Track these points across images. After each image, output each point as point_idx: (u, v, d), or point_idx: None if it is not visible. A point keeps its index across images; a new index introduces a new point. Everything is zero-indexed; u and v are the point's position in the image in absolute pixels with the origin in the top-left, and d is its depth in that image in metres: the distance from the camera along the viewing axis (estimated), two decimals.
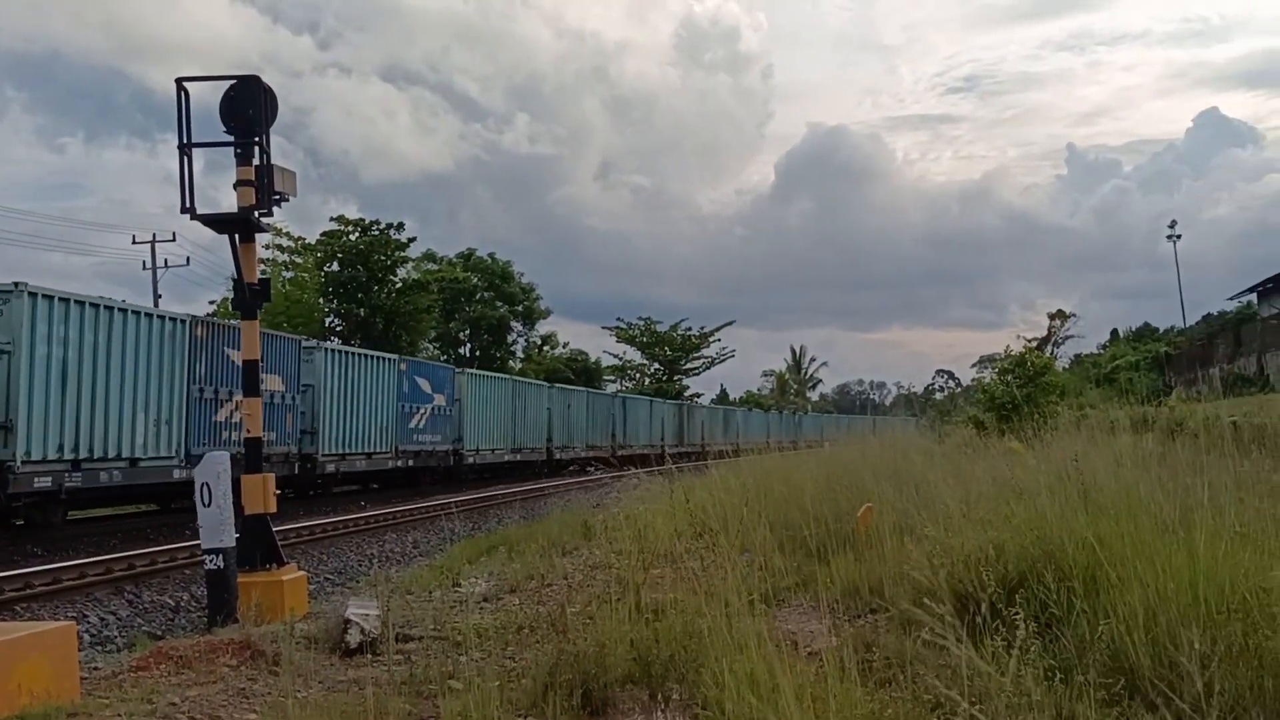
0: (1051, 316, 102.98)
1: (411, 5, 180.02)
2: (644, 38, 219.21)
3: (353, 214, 62.76)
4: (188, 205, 12.50)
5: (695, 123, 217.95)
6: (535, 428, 50.89)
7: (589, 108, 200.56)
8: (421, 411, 39.06)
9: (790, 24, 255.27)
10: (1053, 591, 6.24)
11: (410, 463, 38.12)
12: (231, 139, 12.61)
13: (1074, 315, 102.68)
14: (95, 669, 9.44)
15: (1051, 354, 65.41)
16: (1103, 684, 4.89)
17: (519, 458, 48.48)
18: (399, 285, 60.57)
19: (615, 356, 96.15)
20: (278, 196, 12.71)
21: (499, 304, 76.71)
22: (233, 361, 26.00)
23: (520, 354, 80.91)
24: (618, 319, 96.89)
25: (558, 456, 53.82)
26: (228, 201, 12.90)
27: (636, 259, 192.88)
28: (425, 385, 39.60)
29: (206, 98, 13.12)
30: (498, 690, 6.28)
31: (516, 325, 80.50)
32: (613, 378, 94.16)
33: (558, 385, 56.93)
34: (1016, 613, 5.21)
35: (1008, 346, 31.43)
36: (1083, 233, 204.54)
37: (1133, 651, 5.37)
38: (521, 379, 53.62)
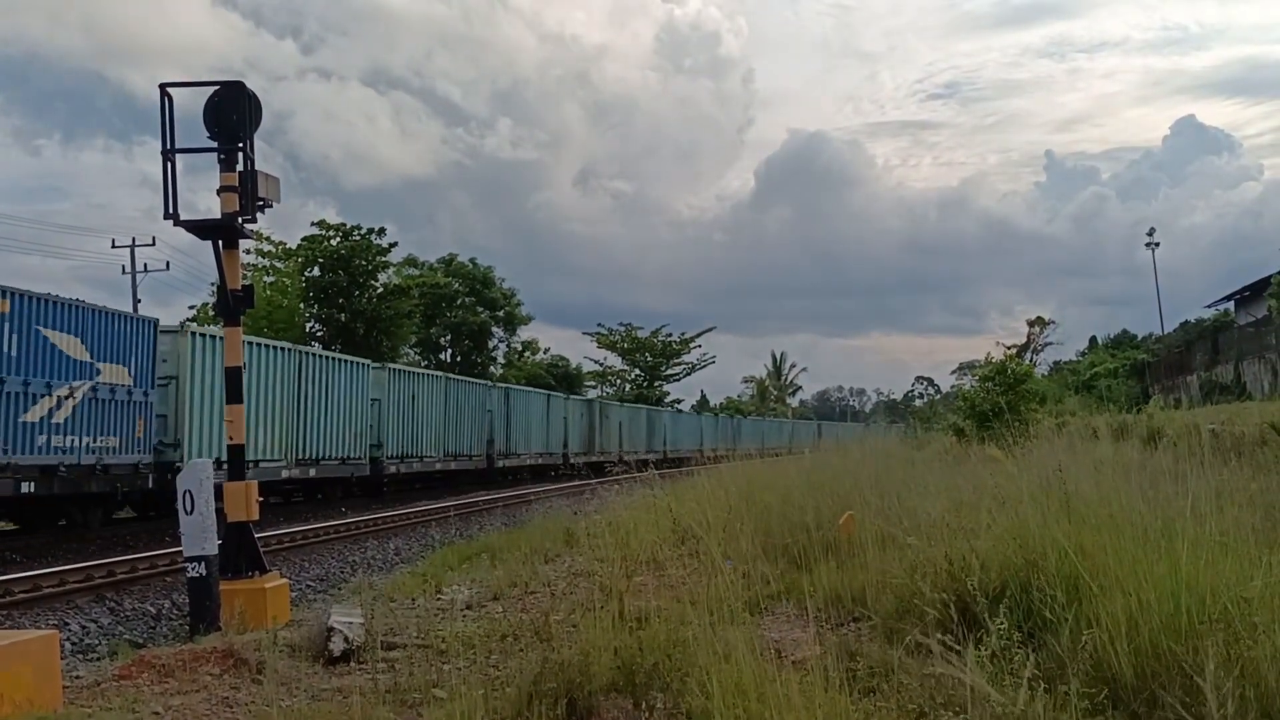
0: (1031, 323, 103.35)
1: (394, 10, 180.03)
2: (624, 42, 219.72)
3: (332, 218, 62.61)
4: (171, 211, 12.46)
5: (675, 128, 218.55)
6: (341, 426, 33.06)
7: (569, 112, 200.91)
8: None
9: (771, 29, 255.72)
10: (1035, 601, 6.28)
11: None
12: (215, 145, 12.56)
13: (1053, 322, 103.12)
14: (77, 677, 9.41)
15: (1031, 361, 65.53)
16: (1086, 693, 4.92)
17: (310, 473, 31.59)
18: (380, 290, 60.40)
19: (596, 362, 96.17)
20: (261, 202, 12.67)
21: (480, 309, 76.45)
22: (55, 346, 21.15)
23: (502, 360, 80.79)
24: (598, 324, 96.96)
25: (392, 470, 37.21)
26: (206, 205, 12.88)
27: (617, 264, 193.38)
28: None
29: (188, 103, 13.10)
30: (482, 699, 6.29)
31: (498, 331, 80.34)
32: (594, 383, 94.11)
33: (389, 366, 39.19)
34: (1001, 622, 5.24)
35: (988, 353, 31.44)
36: (1061, 240, 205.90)
37: (1115, 661, 5.41)
38: (327, 354, 36.00)
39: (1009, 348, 50.28)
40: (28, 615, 13.89)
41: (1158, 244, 72.03)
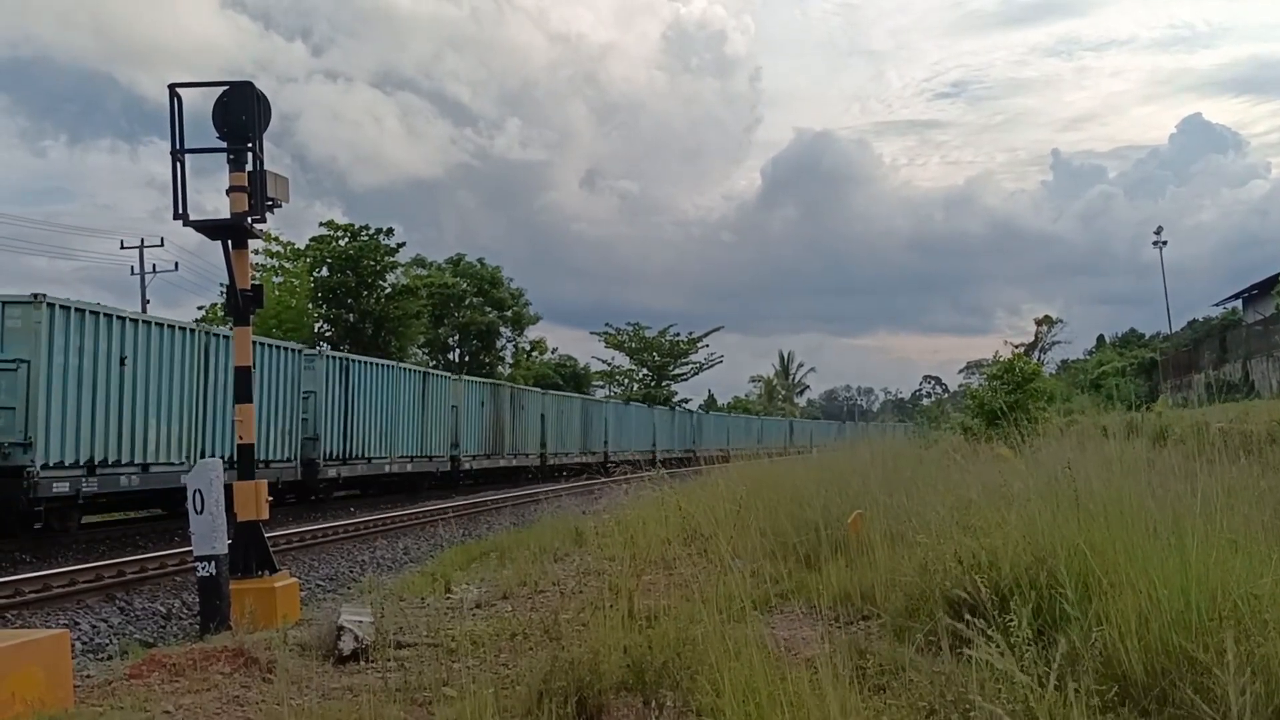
0: (1038, 322, 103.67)
1: (403, 11, 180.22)
2: (631, 41, 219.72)
3: (339, 219, 62.75)
4: (180, 211, 12.49)
5: (682, 127, 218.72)
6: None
7: (576, 112, 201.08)
8: None
9: (778, 29, 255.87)
10: (1045, 598, 6.28)
11: None
12: (224, 145, 12.59)
13: (1060, 321, 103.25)
14: (88, 677, 9.45)
15: (1039, 360, 65.51)
16: (1096, 690, 4.92)
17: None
18: (388, 291, 60.51)
19: (604, 362, 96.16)
20: (271, 202, 12.70)
21: (488, 309, 76.55)
22: None
23: (509, 359, 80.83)
24: (606, 324, 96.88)
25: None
26: (213, 206, 12.91)
27: (624, 264, 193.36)
28: None
29: (197, 104, 13.12)
30: (493, 697, 6.30)
31: (505, 331, 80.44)
32: (601, 383, 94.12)
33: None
34: (1010, 619, 5.24)
35: (996, 352, 31.55)
36: (1067, 239, 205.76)
37: (1125, 658, 5.41)
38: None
39: (1016, 346, 50.34)
40: (38, 615, 13.94)
41: (1165, 242, 71.85)
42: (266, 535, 12.86)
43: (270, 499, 13.07)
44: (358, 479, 35.04)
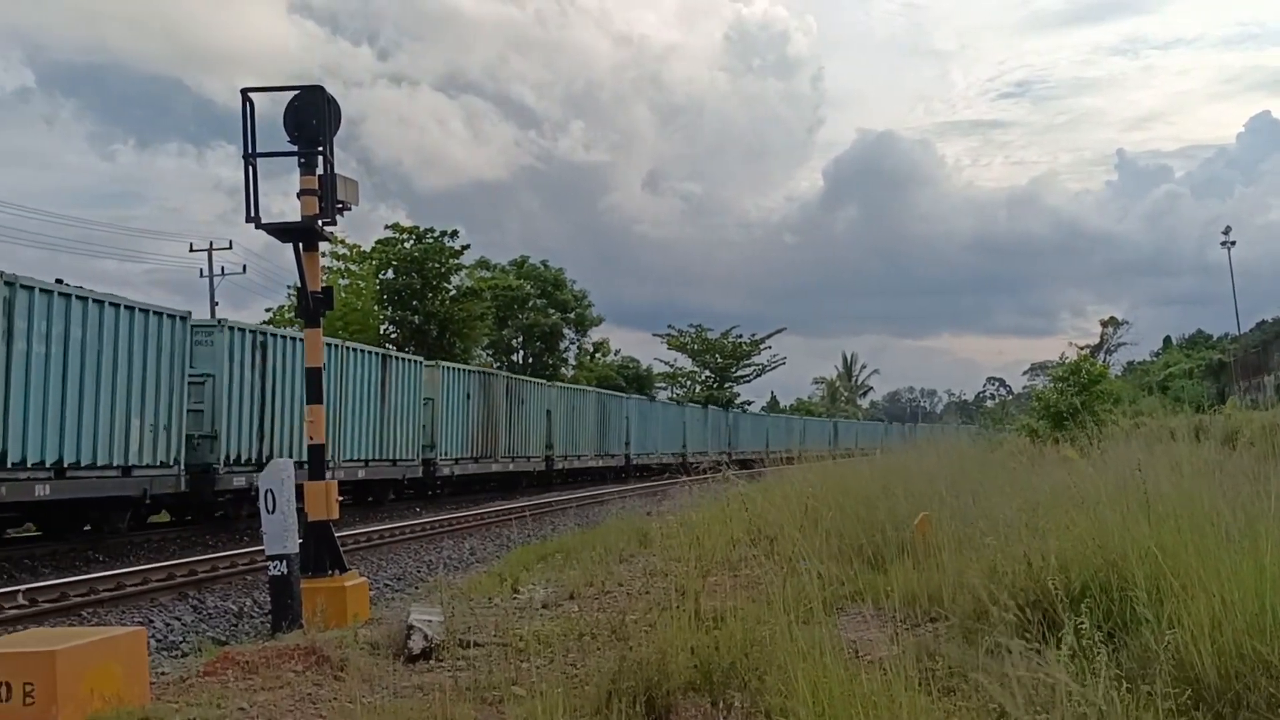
0: (1104, 323, 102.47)
1: (468, 14, 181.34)
2: (693, 42, 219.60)
3: (403, 221, 63.01)
4: (253, 214, 12.66)
5: (744, 129, 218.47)
6: None
7: (639, 114, 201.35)
8: None
9: (841, 29, 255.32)
10: (1116, 601, 6.25)
11: None
12: (295, 149, 12.74)
13: (1126, 322, 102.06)
14: (163, 674, 9.59)
15: (1105, 361, 64.77)
16: (1169, 693, 4.90)
17: None
18: (453, 293, 60.81)
19: (667, 364, 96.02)
20: (340, 205, 12.83)
21: (551, 311, 76.72)
22: None
23: (573, 361, 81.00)
24: (668, 326, 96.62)
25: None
26: (278, 209, 13.06)
27: (686, 266, 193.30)
28: None
29: (264, 108, 13.28)
30: (562, 697, 6.32)
31: (569, 332, 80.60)
32: (664, 385, 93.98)
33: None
34: (1081, 622, 5.22)
35: (1061, 354, 31.27)
36: (1132, 239, 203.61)
37: (1199, 661, 5.38)
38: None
39: (1082, 348, 49.76)
40: (113, 613, 14.18)
41: (1233, 242, 70.94)
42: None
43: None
44: None
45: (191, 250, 62.76)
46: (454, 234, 60.47)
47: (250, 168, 12.73)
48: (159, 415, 22.29)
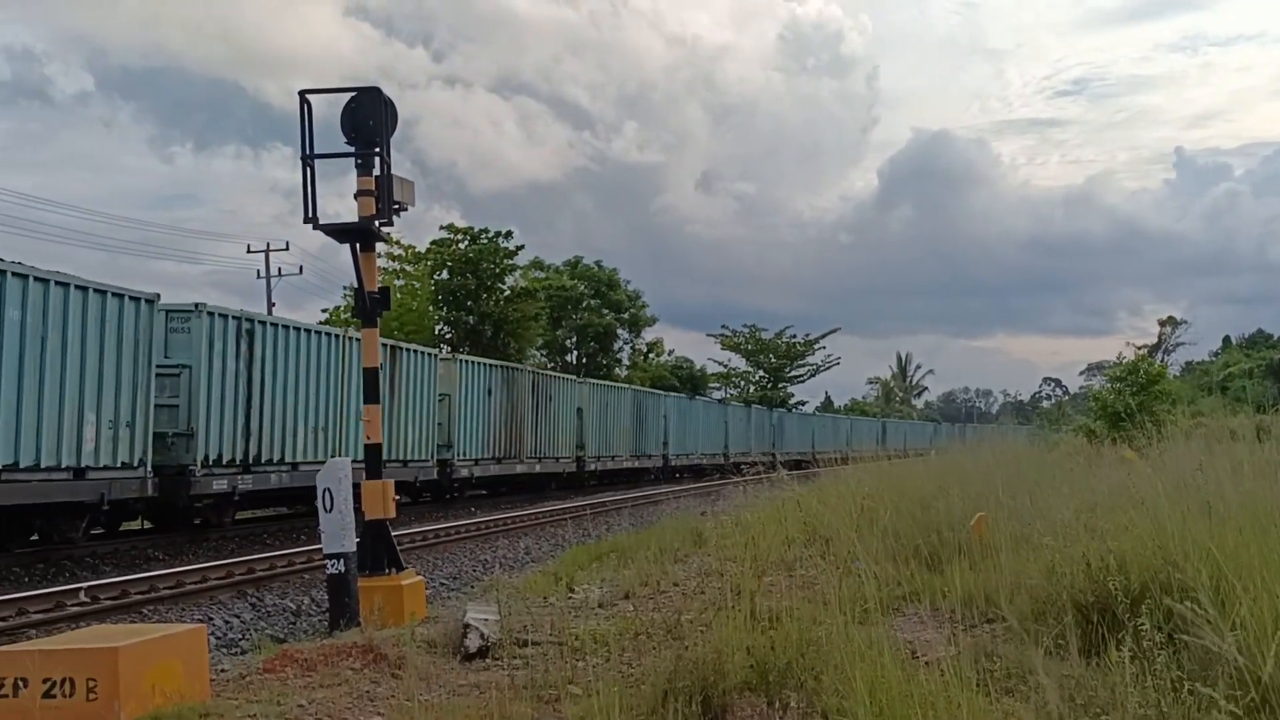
0: (1162, 323, 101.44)
1: (522, 16, 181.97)
2: (747, 42, 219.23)
3: (457, 222, 63.22)
4: (310, 215, 12.76)
5: (798, 128, 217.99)
6: None
7: (692, 115, 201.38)
8: None
9: (896, 28, 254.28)
10: (1177, 602, 6.19)
11: None
12: (352, 150, 12.82)
13: (1185, 322, 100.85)
14: (222, 670, 9.71)
15: (1163, 362, 64.04)
16: (1231, 696, 4.85)
17: None
18: (507, 293, 60.93)
19: (720, 364, 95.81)
20: (397, 206, 12.91)
21: (605, 311, 76.70)
22: None
23: (627, 361, 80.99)
24: (722, 326, 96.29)
25: None
26: (333, 210, 13.14)
27: (740, 266, 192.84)
28: None
29: (321, 110, 13.37)
30: (618, 696, 6.34)
31: (623, 333, 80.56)
32: (718, 385, 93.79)
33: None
34: (1142, 623, 5.19)
35: (1119, 354, 30.97)
36: (1191, 238, 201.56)
37: (1262, 664, 5.32)
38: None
39: (1140, 348, 49.29)
40: (173, 610, 14.34)
41: None
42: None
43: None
44: (274, 493, 25.26)
45: (249, 251, 63.22)
46: (508, 234, 60.55)
47: (308, 169, 12.82)
48: (119, 410, 19.44)
